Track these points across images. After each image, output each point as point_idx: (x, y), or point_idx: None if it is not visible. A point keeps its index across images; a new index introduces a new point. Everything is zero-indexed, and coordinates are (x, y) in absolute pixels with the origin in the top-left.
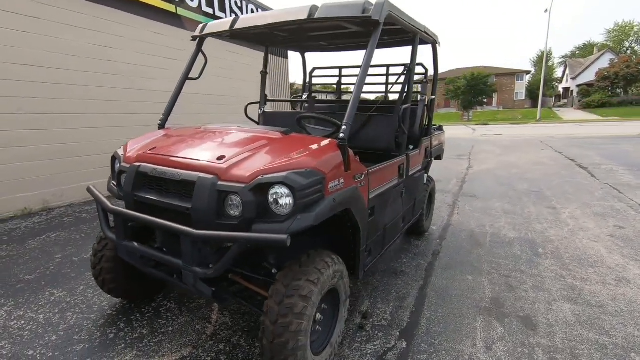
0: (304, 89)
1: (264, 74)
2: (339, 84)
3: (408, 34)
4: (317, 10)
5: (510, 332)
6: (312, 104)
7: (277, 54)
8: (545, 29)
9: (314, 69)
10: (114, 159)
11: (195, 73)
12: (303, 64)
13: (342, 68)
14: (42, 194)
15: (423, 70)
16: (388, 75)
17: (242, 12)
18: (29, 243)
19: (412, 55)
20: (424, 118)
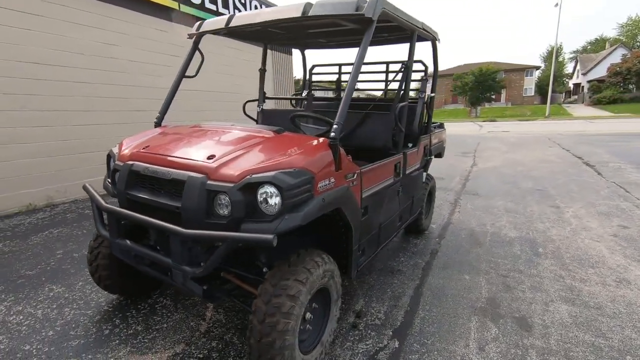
0: (304, 86)
1: (263, 71)
2: (339, 81)
3: (407, 31)
4: (311, 8)
5: (505, 332)
6: (309, 102)
7: (281, 51)
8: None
9: (314, 66)
10: (109, 157)
11: (192, 71)
12: (303, 61)
13: (341, 65)
14: (46, 190)
15: (423, 68)
16: (387, 73)
17: (245, 8)
18: (32, 239)
19: (409, 53)
20: (423, 116)
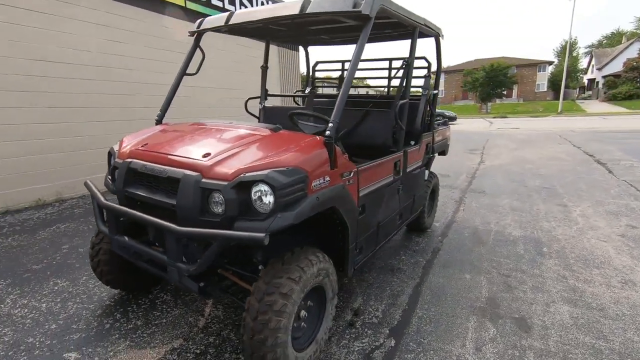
0: (307, 83)
1: (265, 69)
2: (341, 78)
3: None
4: (308, 5)
5: (503, 333)
6: (310, 99)
7: (288, 47)
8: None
9: (317, 63)
10: (110, 155)
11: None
12: (306, 58)
13: (344, 62)
14: (55, 186)
15: (426, 64)
16: (390, 70)
17: (251, 4)
18: (39, 233)
19: (410, 49)
20: (426, 113)
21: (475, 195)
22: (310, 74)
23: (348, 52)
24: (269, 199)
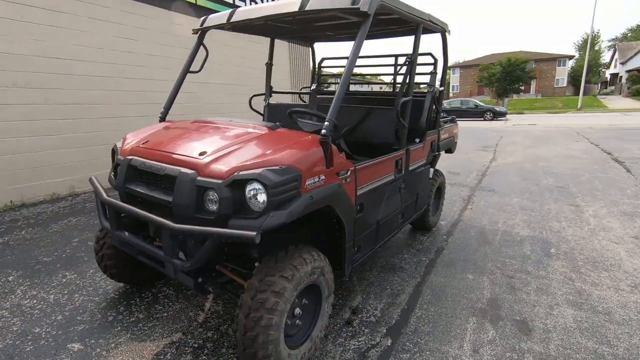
0: (312, 80)
1: (269, 66)
2: None
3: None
4: (308, 2)
5: (502, 335)
6: (313, 96)
7: (299, 43)
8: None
9: (323, 59)
10: (114, 152)
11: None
12: (312, 55)
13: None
14: (69, 180)
15: (432, 61)
16: (396, 66)
17: (262, 0)
18: (52, 227)
19: (414, 46)
20: (432, 110)
21: (485, 194)
22: (316, 71)
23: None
24: (262, 198)
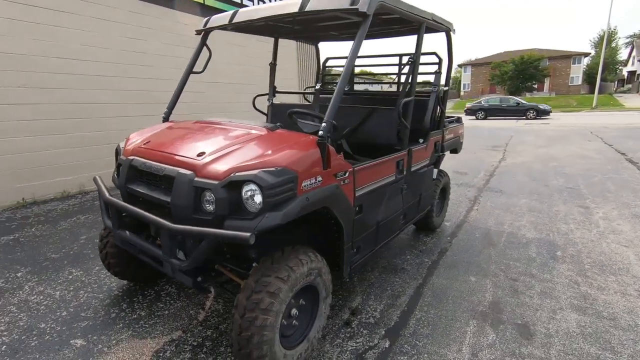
0: (317, 79)
1: (273, 65)
2: (352, 75)
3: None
4: (307, 3)
5: (503, 339)
6: (316, 96)
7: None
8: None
9: (327, 59)
10: (117, 152)
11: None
12: (316, 54)
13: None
14: (79, 178)
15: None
16: (400, 65)
17: (270, 0)
18: (61, 224)
19: (416, 45)
20: (436, 110)
21: (492, 195)
22: (320, 71)
23: (362, 47)
24: (258, 199)
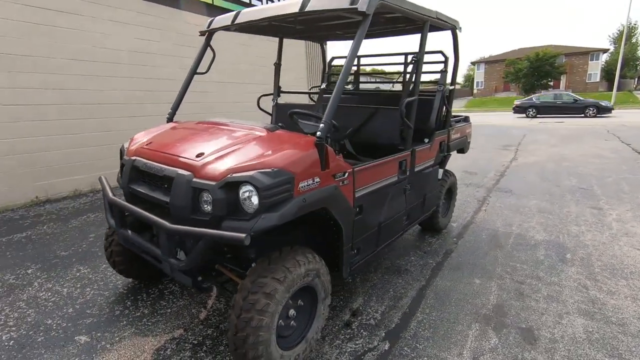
0: (323, 79)
1: (278, 65)
2: (357, 74)
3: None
4: (308, 3)
5: (505, 344)
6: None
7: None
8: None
9: (333, 58)
10: (122, 152)
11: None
12: (322, 53)
13: (360, 57)
14: (90, 177)
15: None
16: (406, 64)
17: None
18: (71, 222)
19: (420, 44)
20: (442, 110)
21: (501, 195)
22: (326, 70)
23: (368, 46)
24: (255, 200)
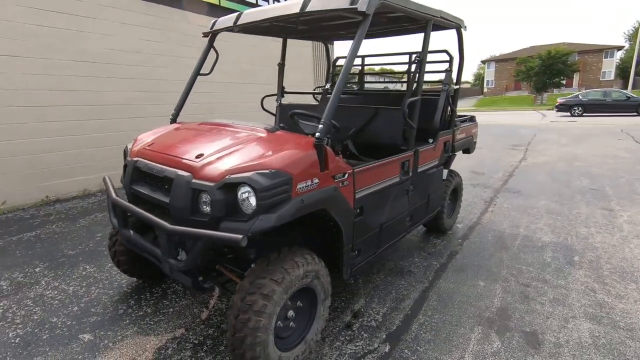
0: (327, 79)
1: (282, 66)
2: (361, 74)
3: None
4: (309, 3)
5: (508, 348)
6: (324, 96)
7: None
8: None
9: (337, 58)
10: (125, 153)
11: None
12: (326, 53)
13: (364, 57)
14: (99, 177)
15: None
16: (410, 64)
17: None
18: (79, 221)
19: (423, 43)
20: (446, 109)
21: (509, 196)
22: (331, 70)
23: (375, 45)
24: (253, 201)
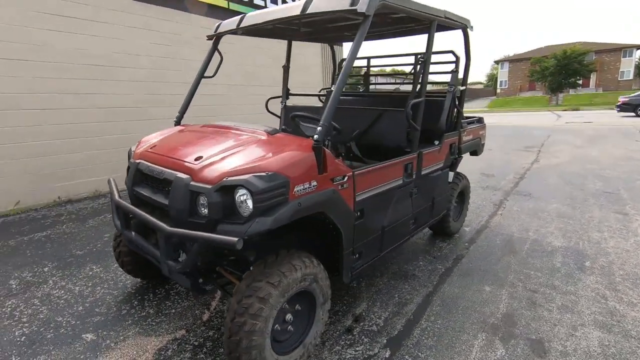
0: (332, 81)
1: (286, 68)
2: (367, 75)
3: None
4: (309, 5)
5: (513, 355)
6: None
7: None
8: None
9: (342, 60)
10: (129, 155)
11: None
12: (332, 55)
13: (370, 58)
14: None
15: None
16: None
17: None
18: (89, 222)
19: (427, 44)
20: (452, 111)
21: (519, 199)
22: (336, 72)
23: (383, 46)
24: (250, 204)
